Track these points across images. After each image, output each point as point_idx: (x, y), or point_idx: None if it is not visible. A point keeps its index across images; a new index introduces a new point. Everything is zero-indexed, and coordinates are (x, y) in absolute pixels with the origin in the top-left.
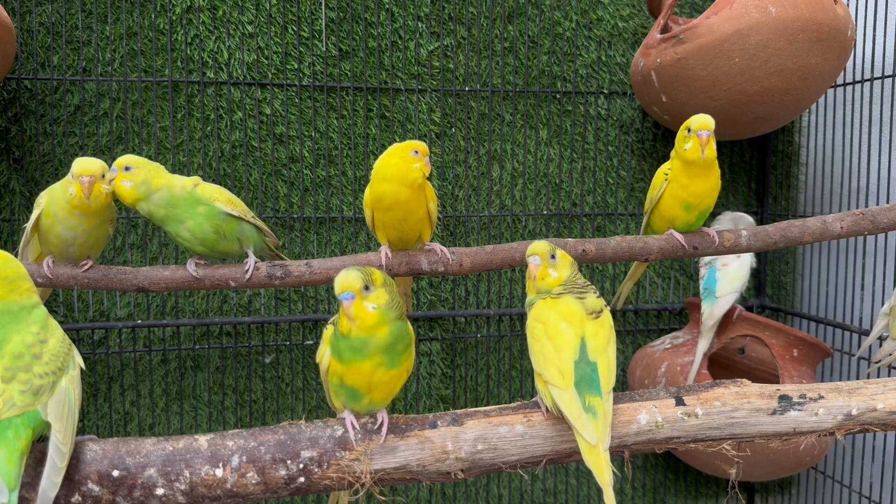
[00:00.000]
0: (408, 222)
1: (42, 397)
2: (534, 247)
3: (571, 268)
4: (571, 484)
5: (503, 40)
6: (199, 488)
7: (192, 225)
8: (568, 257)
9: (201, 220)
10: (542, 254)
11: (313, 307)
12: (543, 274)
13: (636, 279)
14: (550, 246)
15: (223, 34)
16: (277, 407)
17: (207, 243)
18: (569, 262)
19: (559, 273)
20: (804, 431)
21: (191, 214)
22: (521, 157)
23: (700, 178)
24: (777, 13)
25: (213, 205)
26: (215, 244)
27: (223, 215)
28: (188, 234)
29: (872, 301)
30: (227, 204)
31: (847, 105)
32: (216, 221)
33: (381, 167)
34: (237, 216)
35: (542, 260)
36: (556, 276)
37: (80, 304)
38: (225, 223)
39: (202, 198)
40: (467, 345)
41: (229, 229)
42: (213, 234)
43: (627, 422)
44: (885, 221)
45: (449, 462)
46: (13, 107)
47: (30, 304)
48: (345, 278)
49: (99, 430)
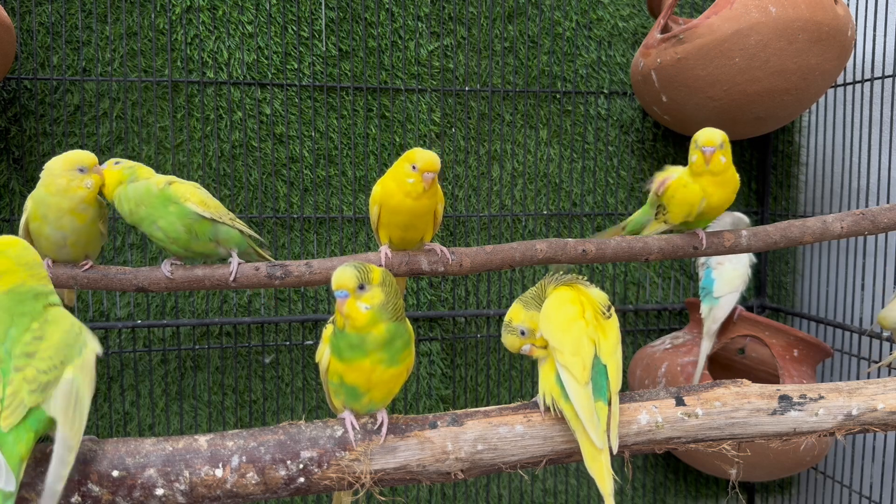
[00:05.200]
0: (413, 224)
1: (46, 393)
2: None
3: (386, 296)
4: (571, 484)
5: (503, 40)
6: (199, 488)
7: (164, 224)
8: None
9: (172, 218)
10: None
11: (313, 307)
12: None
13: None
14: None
15: (223, 34)
16: (277, 407)
17: (180, 243)
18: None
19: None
20: (804, 432)
21: (162, 213)
22: (521, 157)
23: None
24: (777, 13)
25: (184, 204)
26: (188, 244)
27: (194, 215)
28: (161, 233)
29: (872, 301)
30: (198, 205)
31: (847, 105)
32: (187, 221)
33: (392, 171)
34: (209, 217)
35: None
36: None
37: (80, 304)
38: (197, 223)
39: (173, 196)
40: (467, 345)
41: (201, 230)
42: (185, 234)
43: (627, 422)
44: (885, 221)
45: (449, 462)
46: (13, 107)
47: (46, 291)
48: (341, 275)
49: (99, 430)
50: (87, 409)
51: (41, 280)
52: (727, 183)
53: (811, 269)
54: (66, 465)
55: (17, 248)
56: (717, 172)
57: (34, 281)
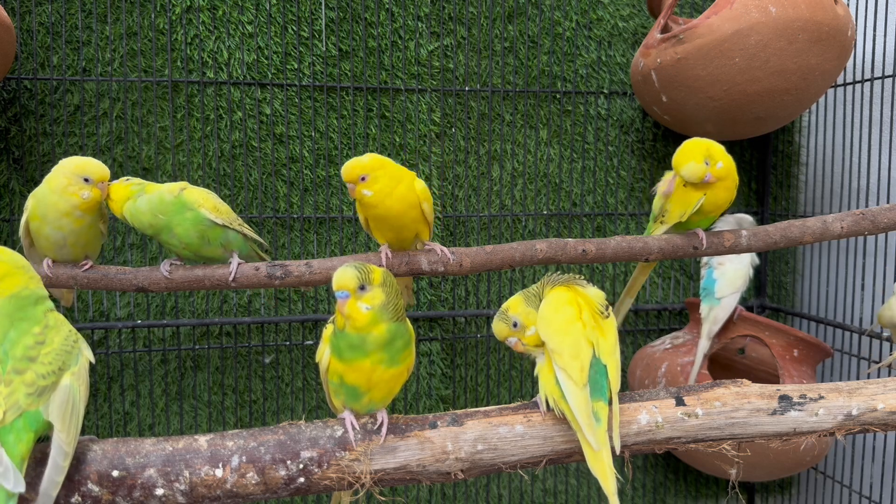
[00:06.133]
0: (402, 224)
1: (44, 397)
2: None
3: (387, 296)
4: (571, 484)
5: (503, 40)
6: (199, 488)
7: (180, 231)
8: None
9: (188, 225)
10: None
11: (313, 307)
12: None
13: (634, 294)
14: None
15: (223, 34)
16: (277, 407)
17: (192, 248)
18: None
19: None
20: (804, 432)
21: (179, 221)
22: (521, 157)
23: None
24: (777, 13)
25: (199, 211)
26: (199, 249)
27: (208, 222)
28: (176, 240)
29: (872, 301)
30: (211, 211)
31: (847, 105)
32: (201, 227)
33: None
34: (221, 224)
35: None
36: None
37: (80, 304)
38: (209, 229)
39: (188, 202)
40: (467, 345)
41: (213, 235)
42: (198, 240)
43: (627, 422)
44: (885, 221)
45: (449, 462)
46: (13, 107)
47: (43, 295)
48: (341, 276)
49: (99, 430)
50: (82, 417)
51: (39, 283)
52: (728, 187)
53: (811, 269)
54: (62, 472)
55: (8, 253)
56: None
57: (35, 284)
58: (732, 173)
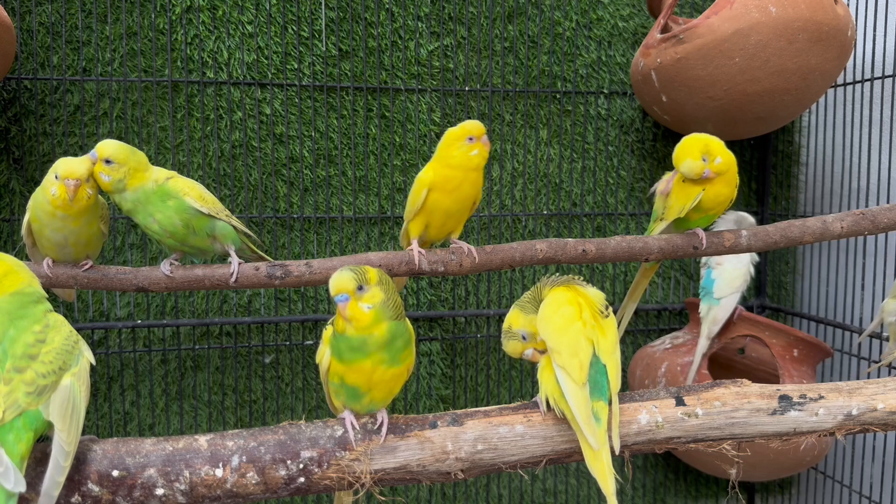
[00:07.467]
0: (458, 207)
1: (44, 397)
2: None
3: (385, 293)
4: (571, 484)
5: (503, 40)
6: (199, 488)
7: (161, 217)
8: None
9: (170, 213)
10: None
11: (313, 307)
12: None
13: (637, 300)
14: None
15: (223, 34)
16: (277, 407)
17: (177, 237)
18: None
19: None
20: (804, 431)
21: (160, 208)
22: (521, 157)
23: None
24: (777, 13)
25: (183, 199)
26: (185, 238)
27: (192, 210)
28: (157, 226)
29: (872, 301)
30: (197, 200)
31: (847, 105)
32: (185, 216)
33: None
34: (206, 213)
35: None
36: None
37: (80, 304)
38: (195, 218)
39: (171, 191)
40: (467, 345)
41: (199, 225)
42: (183, 229)
43: (627, 422)
44: (885, 221)
45: (449, 462)
46: (13, 107)
47: (43, 295)
48: (338, 280)
49: (99, 430)
50: (83, 417)
51: (37, 284)
52: (728, 182)
53: (811, 269)
54: (64, 472)
55: (7, 257)
56: (721, 172)
57: (36, 284)
58: (732, 168)
